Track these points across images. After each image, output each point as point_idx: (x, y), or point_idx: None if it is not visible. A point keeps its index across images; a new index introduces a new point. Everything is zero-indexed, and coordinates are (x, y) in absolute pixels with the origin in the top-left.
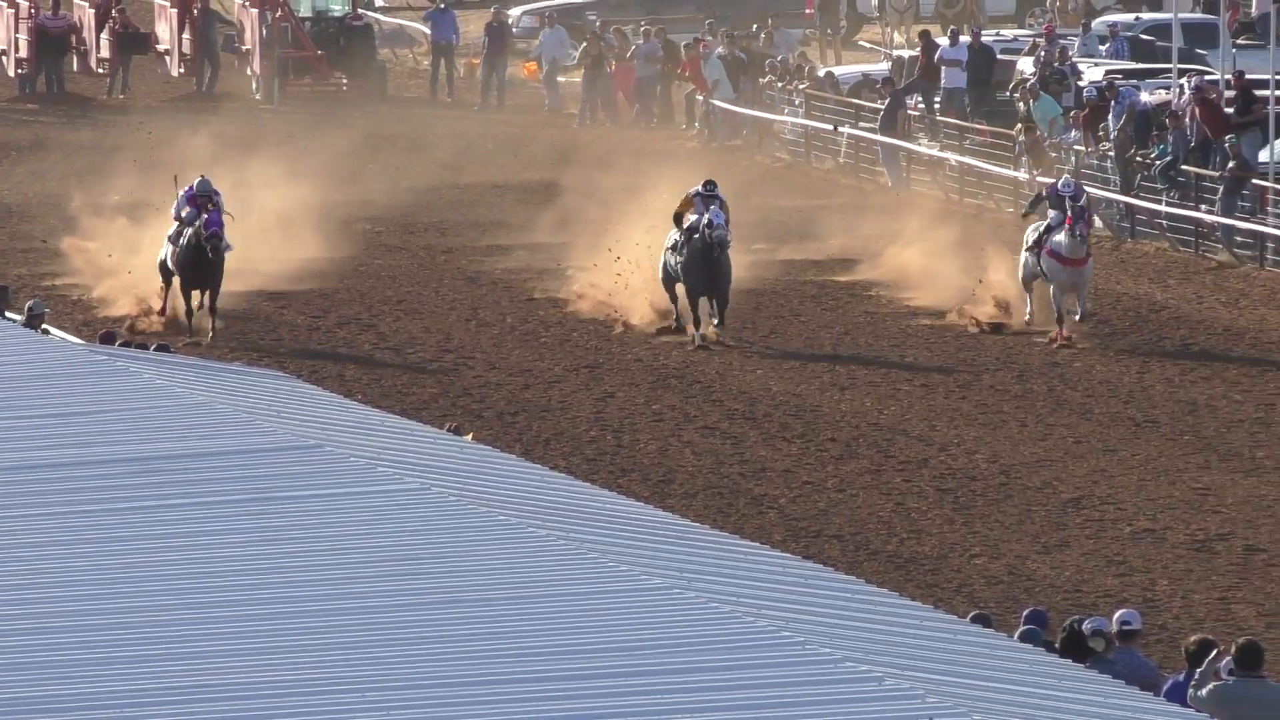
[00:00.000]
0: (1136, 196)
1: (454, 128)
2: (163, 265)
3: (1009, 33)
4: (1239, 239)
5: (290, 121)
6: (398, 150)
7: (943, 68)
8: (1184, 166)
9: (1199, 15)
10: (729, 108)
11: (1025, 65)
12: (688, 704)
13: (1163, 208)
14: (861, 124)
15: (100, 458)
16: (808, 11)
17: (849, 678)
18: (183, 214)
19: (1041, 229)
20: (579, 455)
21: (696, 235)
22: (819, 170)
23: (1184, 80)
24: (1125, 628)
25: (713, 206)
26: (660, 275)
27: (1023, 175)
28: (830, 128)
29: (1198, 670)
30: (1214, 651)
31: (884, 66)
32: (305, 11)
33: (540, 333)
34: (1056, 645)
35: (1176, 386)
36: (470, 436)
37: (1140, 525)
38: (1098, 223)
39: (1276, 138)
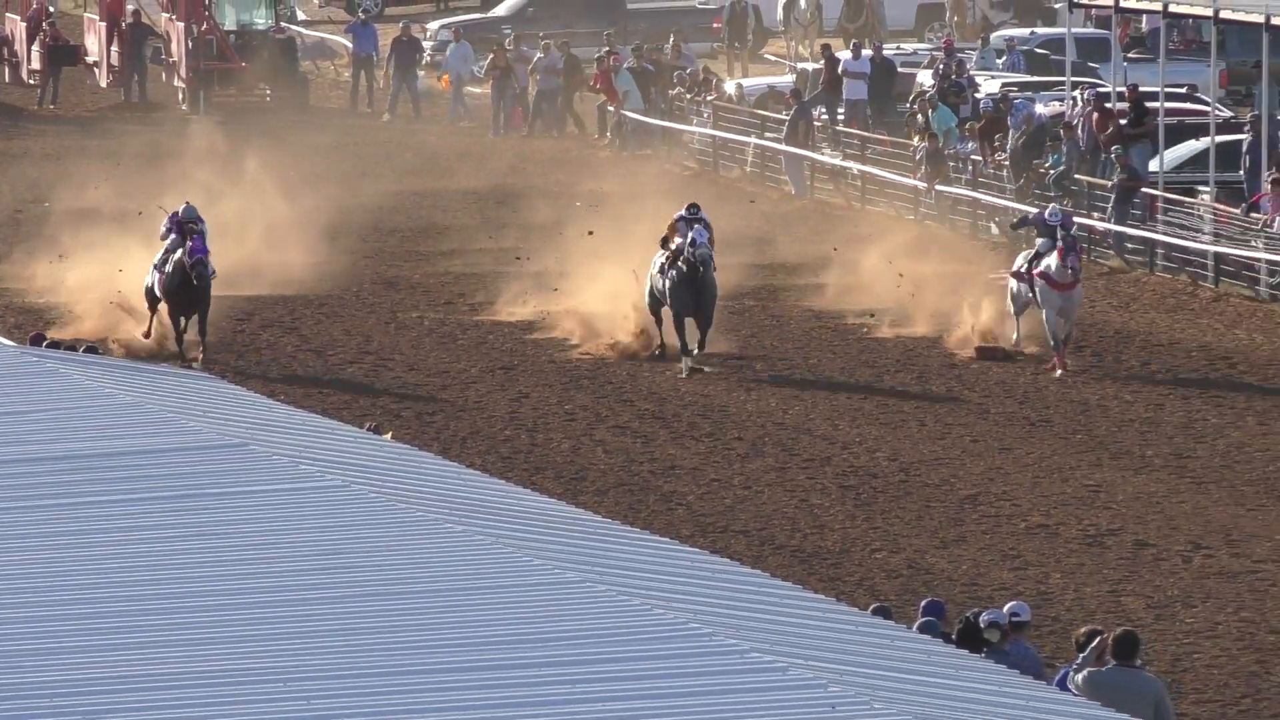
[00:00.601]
0: (1031, 204)
1: (374, 137)
2: (149, 291)
3: (909, 46)
4: (1130, 245)
5: (215, 131)
6: (320, 159)
7: (845, 80)
8: (1077, 175)
9: (1091, 30)
10: (639, 118)
11: (924, 78)
12: (599, 693)
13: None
14: (768, 134)
15: (27, 456)
16: (715, 26)
17: (755, 668)
18: (168, 240)
19: (1030, 256)
20: (494, 453)
21: (681, 259)
22: (726, 178)
23: (1077, 93)
24: (1015, 619)
25: (696, 227)
26: (646, 301)
27: (921, 184)
28: None
29: (1078, 662)
30: (1098, 639)
31: (789, 79)
32: (230, 25)
33: (457, 335)
34: (953, 636)
35: (1069, 387)
36: (389, 435)
37: (1034, 521)
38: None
39: (1166, 148)
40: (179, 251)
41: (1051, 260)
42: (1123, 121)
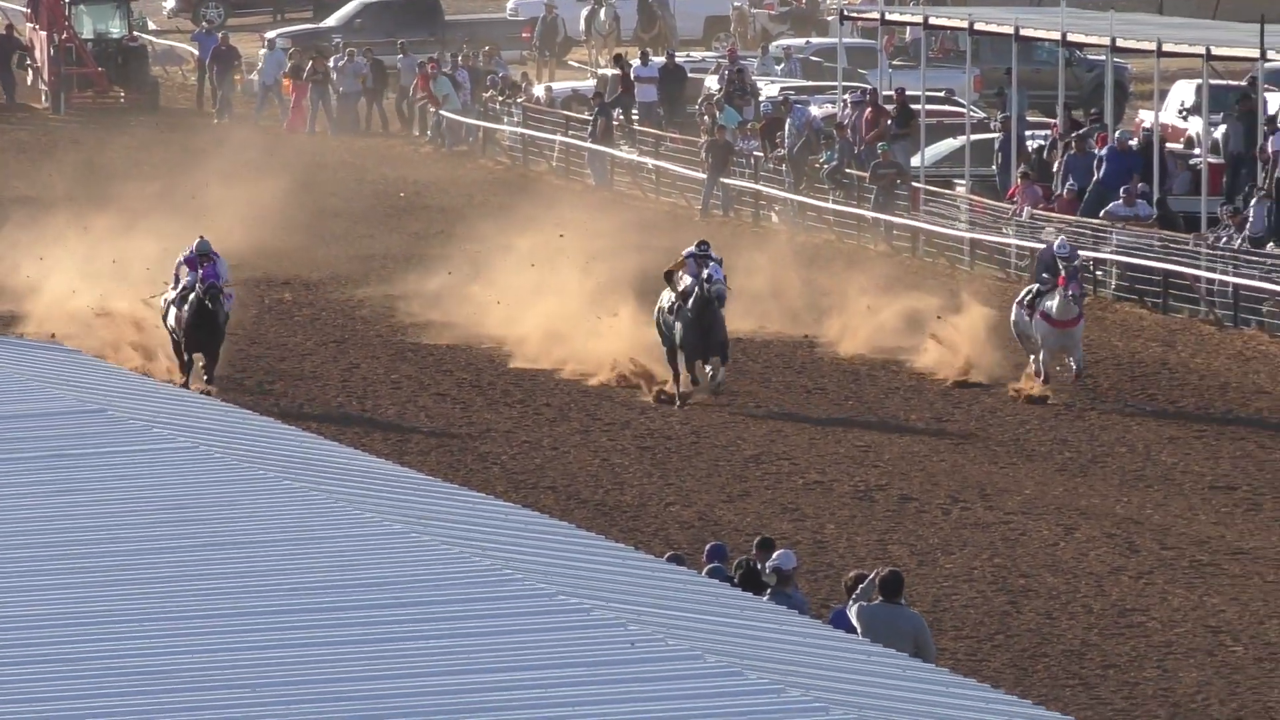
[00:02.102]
0: (807, 196)
1: (216, 136)
2: (173, 333)
3: (698, 54)
4: (896, 232)
5: (74, 129)
6: (169, 154)
7: (637, 85)
8: (848, 170)
9: (860, 40)
10: (456, 118)
11: (711, 82)
12: (419, 633)
13: (829, 205)
14: (572, 132)
15: None
16: (525, 35)
17: (562, 609)
18: (182, 277)
19: (1034, 290)
20: (329, 419)
21: (693, 297)
22: (535, 172)
23: (847, 96)
24: (782, 568)
25: (712, 264)
26: (660, 337)
27: (703, 176)
28: None
29: (853, 596)
30: (869, 578)
31: (591, 83)
32: (87, 33)
33: (294, 312)
34: (735, 581)
35: (841, 359)
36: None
37: (811, 478)
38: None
39: (927, 145)
40: (194, 283)
41: (1055, 298)
42: (890, 121)
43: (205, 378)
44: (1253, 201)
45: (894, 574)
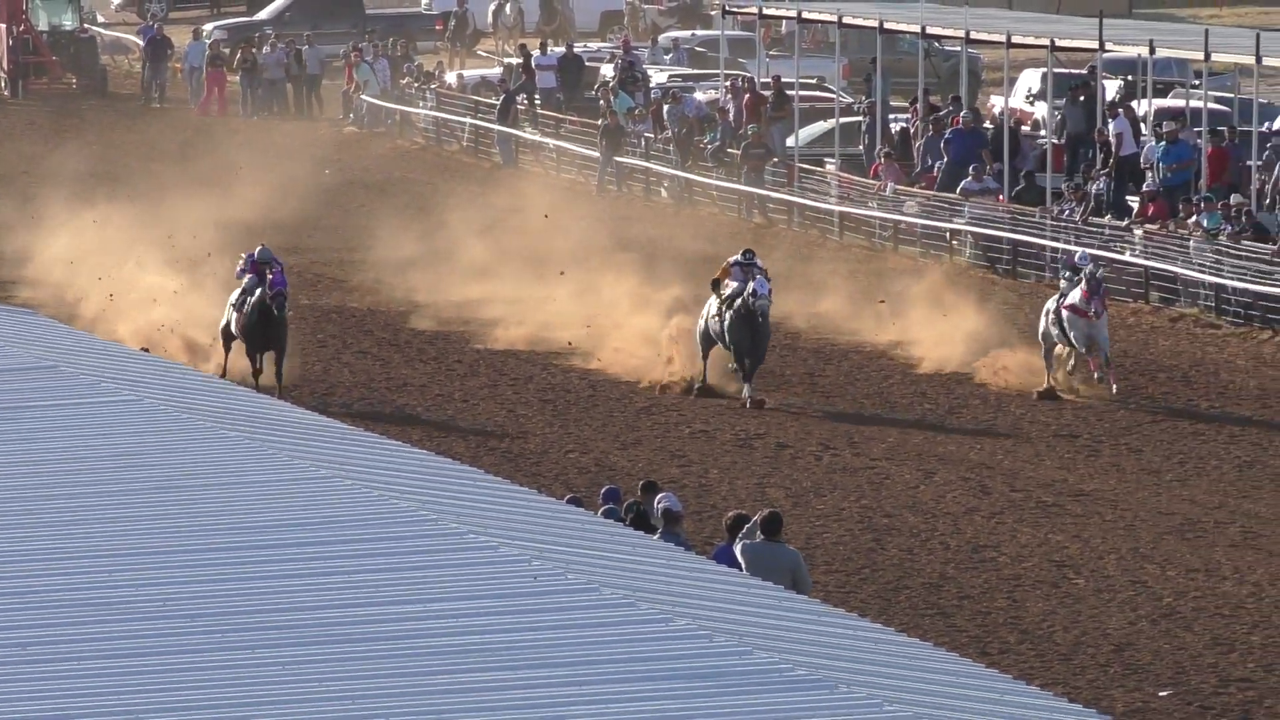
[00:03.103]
0: (693, 173)
1: (152, 118)
2: (225, 329)
3: (594, 45)
4: (771, 205)
5: (31, 112)
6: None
7: (538, 72)
8: (729, 150)
9: (740, 32)
10: (376, 102)
11: (607, 70)
12: (339, 568)
13: (713, 181)
14: (480, 115)
15: None
16: (438, 27)
17: (471, 546)
18: (245, 280)
19: (1058, 297)
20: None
21: (739, 302)
22: (447, 151)
23: (729, 83)
24: (670, 510)
25: (757, 276)
26: (699, 337)
27: (598, 155)
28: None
29: (739, 535)
30: (754, 519)
31: (498, 71)
32: (43, 26)
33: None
34: (627, 522)
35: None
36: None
37: (696, 428)
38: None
39: (801, 128)
40: (258, 291)
41: (1076, 293)
42: (767, 105)
43: (277, 389)
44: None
45: (774, 514)
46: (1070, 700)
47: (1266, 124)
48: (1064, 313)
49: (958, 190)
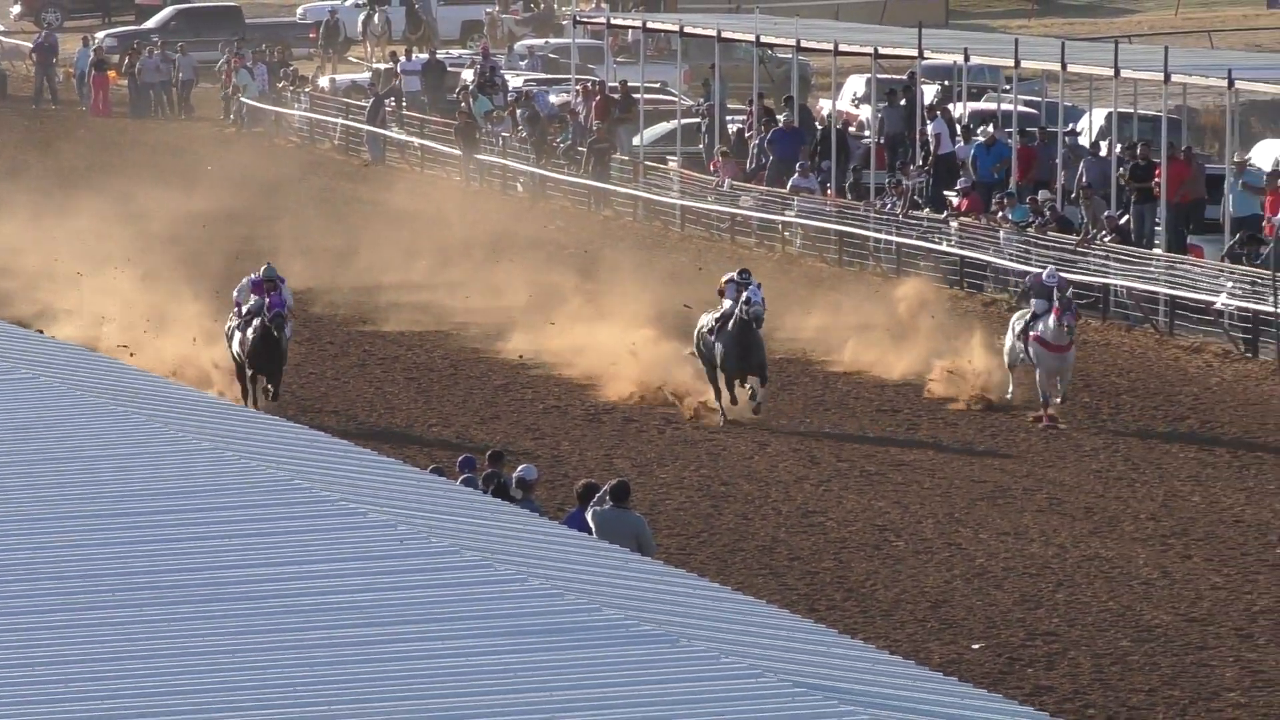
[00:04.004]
0: (546, 169)
1: (55, 120)
2: (236, 358)
3: (456, 52)
4: (618, 199)
5: None
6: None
7: (403, 76)
8: (580, 148)
9: (590, 40)
10: (255, 104)
11: (467, 75)
12: (213, 534)
13: (565, 177)
14: (351, 116)
15: None
16: (311, 35)
17: (341, 513)
18: (247, 302)
19: (1027, 317)
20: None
21: (732, 319)
22: (320, 149)
23: (579, 86)
24: (525, 479)
25: (751, 286)
26: (699, 358)
27: (460, 152)
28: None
29: (590, 503)
30: (604, 488)
31: (367, 75)
32: None
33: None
34: (488, 491)
35: (582, 296)
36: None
37: (550, 404)
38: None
39: (645, 128)
40: (260, 315)
41: (1049, 322)
42: (614, 107)
43: (271, 397)
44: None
45: (621, 483)
46: (891, 653)
47: (1071, 125)
48: (1033, 344)
49: (788, 187)
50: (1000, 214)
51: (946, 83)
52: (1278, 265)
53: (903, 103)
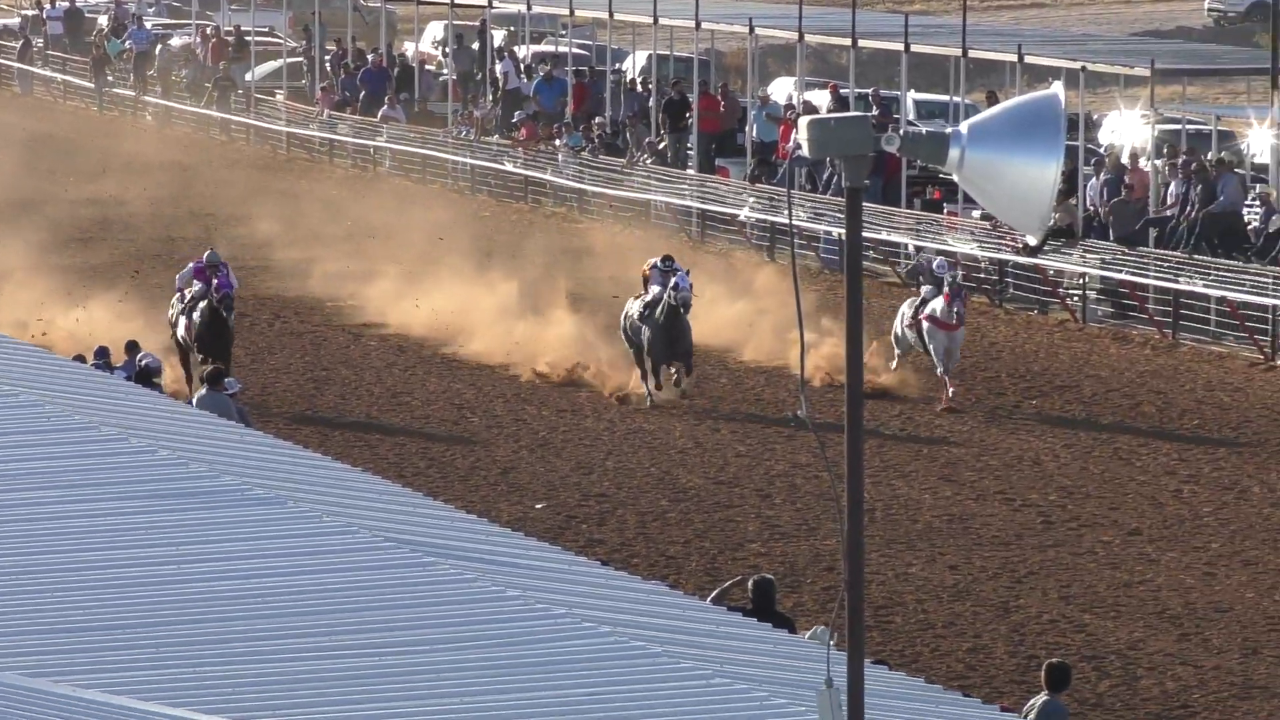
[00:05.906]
0: (171, 101)
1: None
2: (177, 342)
3: (94, 0)
4: (234, 127)
5: None
6: None
7: (49, 22)
8: (205, 85)
9: None
10: None
11: (103, 20)
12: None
13: (188, 108)
14: (4, 55)
15: None
16: None
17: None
18: (190, 288)
19: (917, 303)
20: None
21: (661, 304)
22: None
23: (199, 31)
24: (150, 365)
25: (680, 273)
26: (626, 342)
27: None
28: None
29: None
30: (202, 374)
31: (16, 20)
32: None
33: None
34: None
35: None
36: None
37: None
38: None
39: (255, 67)
40: (206, 298)
41: (938, 304)
42: (229, 48)
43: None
44: None
45: (216, 369)
46: (467, 512)
47: (617, 65)
48: (924, 323)
49: (378, 116)
50: (560, 140)
51: (513, 28)
52: (790, 185)
53: (474, 45)
